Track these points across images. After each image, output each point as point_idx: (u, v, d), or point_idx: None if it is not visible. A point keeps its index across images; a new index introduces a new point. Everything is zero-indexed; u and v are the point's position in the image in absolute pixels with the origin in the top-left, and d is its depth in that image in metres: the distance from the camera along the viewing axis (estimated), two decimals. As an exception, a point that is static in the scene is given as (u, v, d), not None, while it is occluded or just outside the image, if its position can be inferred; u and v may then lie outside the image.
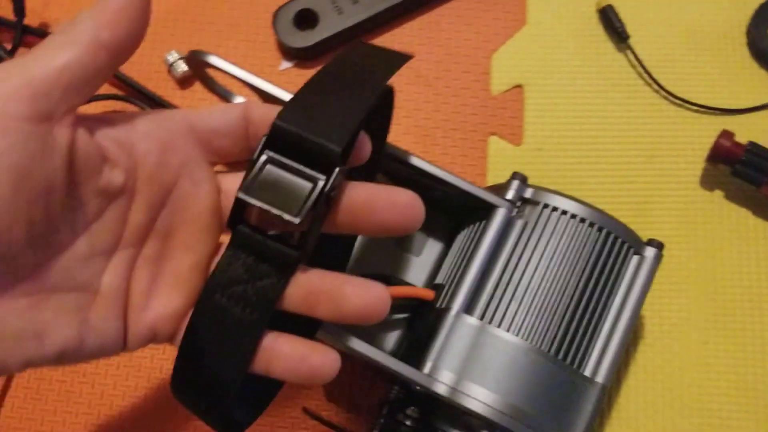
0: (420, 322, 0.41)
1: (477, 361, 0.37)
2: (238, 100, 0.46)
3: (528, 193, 0.40)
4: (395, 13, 0.52)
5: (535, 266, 0.38)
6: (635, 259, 0.40)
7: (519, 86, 0.52)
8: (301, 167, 0.28)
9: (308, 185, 0.28)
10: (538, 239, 0.39)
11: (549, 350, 0.37)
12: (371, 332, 0.43)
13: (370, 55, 0.32)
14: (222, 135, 0.31)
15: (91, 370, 0.46)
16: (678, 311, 0.46)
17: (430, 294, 0.40)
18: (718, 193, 0.48)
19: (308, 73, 0.51)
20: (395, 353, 0.42)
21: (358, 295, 0.29)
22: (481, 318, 0.37)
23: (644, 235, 0.47)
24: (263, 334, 0.29)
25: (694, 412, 0.44)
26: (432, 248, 0.45)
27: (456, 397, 0.36)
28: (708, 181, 0.49)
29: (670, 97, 0.50)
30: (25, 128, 0.25)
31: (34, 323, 0.27)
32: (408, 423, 0.39)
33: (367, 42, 0.30)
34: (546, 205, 0.39)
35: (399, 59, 0.32)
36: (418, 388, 0.37)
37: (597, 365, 0.38)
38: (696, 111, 0.50)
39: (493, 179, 0.50)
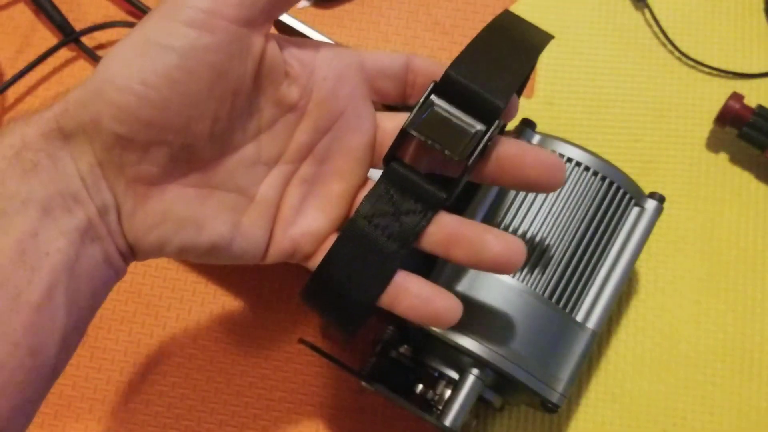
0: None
1: (473, 301, 0.38)
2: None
3: (536, 140, 0.41)
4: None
5: (536, 211, 0.39)
6: (635, 210, 0.40)
7: (534, 41, 0.52)
8: (463, 115, 0.30)
9: (471, 130, 0.30)
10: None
11: (543, 293, 0.38)
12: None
13: (521, 27, 0.34)
14: (386, 77, 0.32)
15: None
16: (673, 269, 0.47)
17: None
18: (723, 156, 0.49)
19: (324, 13, 0.52)
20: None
21: (499, 244, 0.31)
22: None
23: (645, 190, 0.47)
24: (398, 266, 0.31)
25: (680, 368, 0.45)
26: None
27: (448, 334, 0.37)
28: (714, 144, 0.49)
29: (684, 58, 0.50)
30: (231, 29, 0.28)
31: (197, 213, 0.29)
32: (401, 360, 0.40)
33: (514, 14, 0.34)
34: (552, 152, 0.40)
35: (546, 36, 0.34)
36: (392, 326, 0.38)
37: (589, 311, 0.39)
38: (708, 73, 0.50)
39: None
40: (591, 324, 0.39)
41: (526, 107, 0.50)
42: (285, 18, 0.41)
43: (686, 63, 0.50)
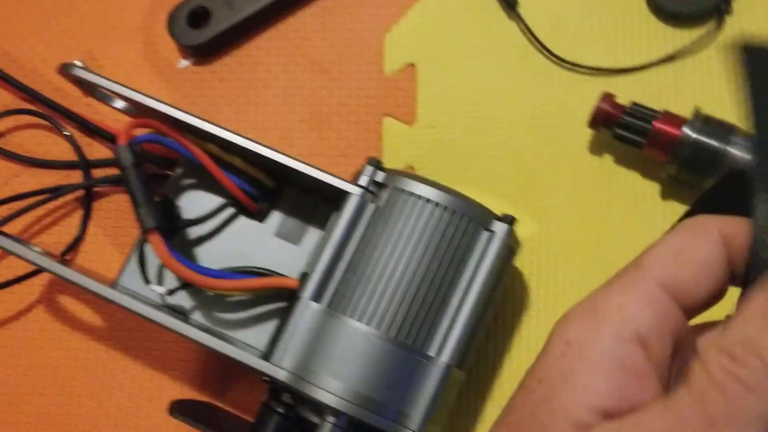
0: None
1: (322, 348, 0.38)
2: (118, 104, 0.48)
3: (381, 178, 0.41)
4: (285, 3, 0.53)
5: (382, 251, 0.39)
6: (485, 235, 0.40)
7: (412, 64, 0.52)
8: None
9: None
10: (386, 224, 0.40)
11: (394, 334, 0.38)
12: (246, 323, 0.45)
13: None
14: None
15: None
16: (563, 280, 0.46)
17: (293, 283, 0.41)
18: (607, 158, 0.48)
19: (203, 70, 0.53)
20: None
21: None
22: (329, 305, 0.39)
23: (537, 205, 0.47)
24: None
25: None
26: (312, 236, 0.46)
27: (299, 384, 0.38)
28: (596, 147, 0.48)
29: (560, 63, 0.49)
30: None
31: None
32: (281, 410, 0.41)
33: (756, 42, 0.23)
34: (395, 189, 0.40)
35: None
36: (264, 378, 0.39)
37: (442, 344, 0.39)
38: (587, 74, 0.49)
39: (389, 161, 0.51)
40: (444, 357, 0.39)
41: (409, 134, 0.51)
42: (137, 96, 0.43)
43: (564, 67, 0.50)
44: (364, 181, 0.41)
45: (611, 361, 0.23)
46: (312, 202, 0.46)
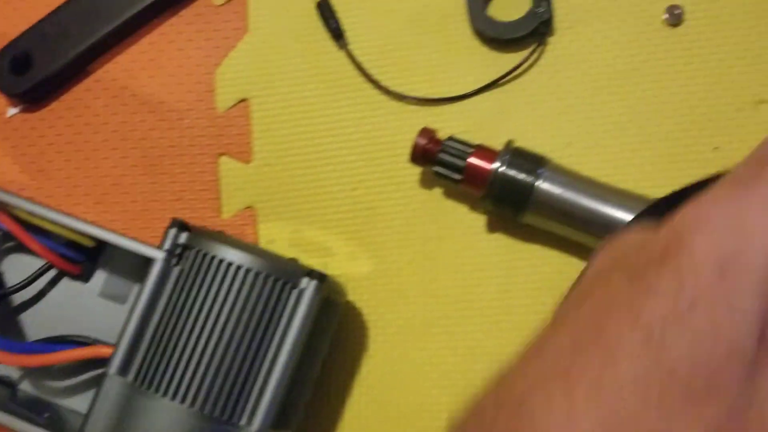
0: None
1: (129, 425, 0.37)
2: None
3: (184, 239, 0.40)
4: (111, 41, 0.51)
5: (187, 319, 0.38)
6: (294, 294, 0.39)
7: (245, 100, 0.50)
8: None
9: None
10: (191, 289, 0.39)
11: (202, 408, 0.37)
12: (75, 389, 0.44)
13: None
14: None
15: None
16: (398, 318, 0.46)
17: (107, 352, 0.40)
18: (436, 192, 0.47)
19: (35, 117, 0.51)
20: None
21: None
22: (135, 380, 0.38)
23: (374, 241, 0.46)
24: None
25: (410, 425, 0.45)
26: (139, 292, 0.45)
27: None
28: (424, 181, 0.47)
29: (388, 94, 0.48)
30: None
31: None
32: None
33: None
34: (199, 252, 0.39)
35: None
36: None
37: (253, 412, 0.38)
38: (415, 104, 0.48)
39: (227, 202, 0.50)
40: (255, 425, 0.38)
41: (246, 174, 0.49)
42: None
43: (391, 98, 0.48)
44: (167, 245, 0.40)
45: None
46: (136, 257, 0.45)
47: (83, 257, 0.45)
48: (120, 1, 0.50)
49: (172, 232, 0.40)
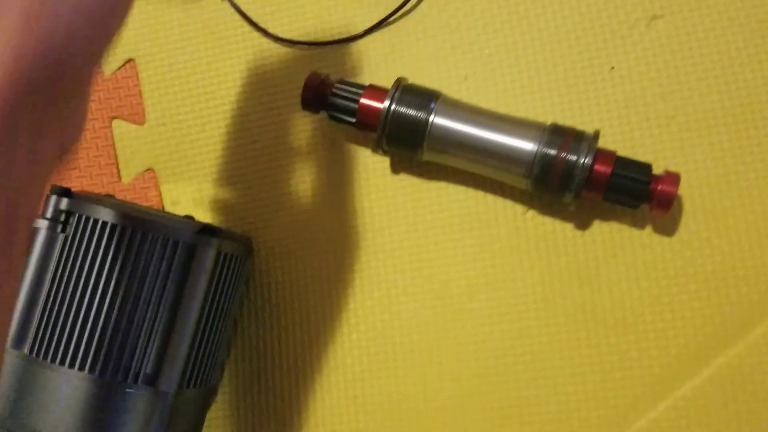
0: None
1: (28, 398, 0.36)
2: None
3: (65, 205, 0.38)
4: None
5: (76, 284, 0.37)
6: (186, 251, 0.38)
7: (131, 60, 0.48)
8: None
9: None
10: (77, 255, 0.37)
11: (101, 372, 0.36)
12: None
13: None
14: None
15: None
16: (309, 268, 0.45)
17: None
18: (338, 137, 0.46)
19: None
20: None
21: None
22: (30, 351, 0.37)
23: (281, 194, 0.45)
24: None
25: (328, 373, 0.44)
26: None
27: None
28: (325, 126, 0.46)
29: (278, 41, 0.47)
30: None
31: None
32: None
33: None
34: (81, 216, 0.37)
35: None
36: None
37: (157, 373, 0.37)
38: (306, 49, 0.47)
39: (126, 166, 0.48)
40: (162, 386, 0.37)
41: (141, 135, 0.47)
42: None
43: (281, 44, 0.47)
44: (49, 212, 0.38)
45: None
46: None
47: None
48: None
49: (53, 199, 0.38)
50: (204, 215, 0.46)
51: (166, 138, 0.47)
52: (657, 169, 0.40)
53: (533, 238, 0.42)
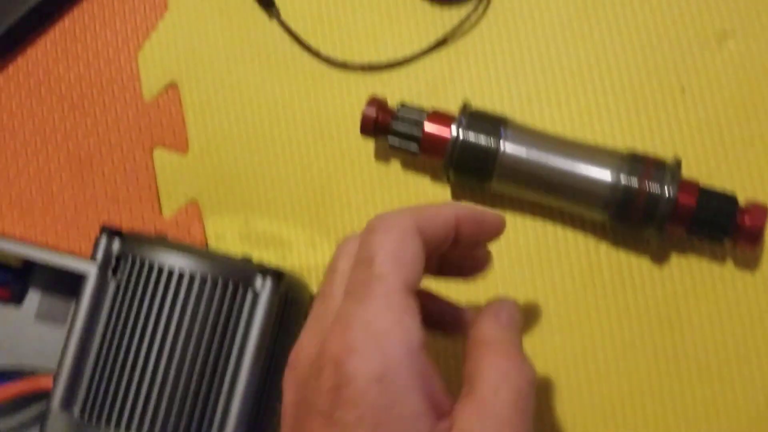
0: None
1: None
2: None
3: (117, 247, 0.36)
4: (17, 34, 0.46)
5: (132, 338, 0.35)
6: (250, 296, 0.36)
7: (173, 84, 0.46)
8: None
9: None
10: (132, 304, 0.35)
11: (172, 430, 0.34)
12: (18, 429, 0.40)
13: None
14: None
15: None
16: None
17: (47, 383, 0.36)
18: (395, 164, 0.43)
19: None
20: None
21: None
22: (82, 413, 0.34)
23: (333, 225, 0.43)
24: None
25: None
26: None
27: None
28: (382, 153, 0.44)
29: (330, 64, 0.44)
30: None
31: None
32: None
33: None
34: (136, 261, 0.35)
35: None
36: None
37: (222, 422, 0.35)
38: (361, 72, 0.44)
39: (167, 199, 0.45)
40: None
41: (184, 165, 0.45)
42: None
43: (334, 67, 0.44)
44: (99, 256, 0.36)
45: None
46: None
47: (11, 278, 0.40)
48: (21, -11, 0.45)
49: (103, 240, 0.36)
50: (252, 250, 0.44)
51: (211, 168, 0.45)
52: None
53: (608, 274, 0.40)
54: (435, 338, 0.31)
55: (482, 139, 0.38)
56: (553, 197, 0.38)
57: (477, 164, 0.38)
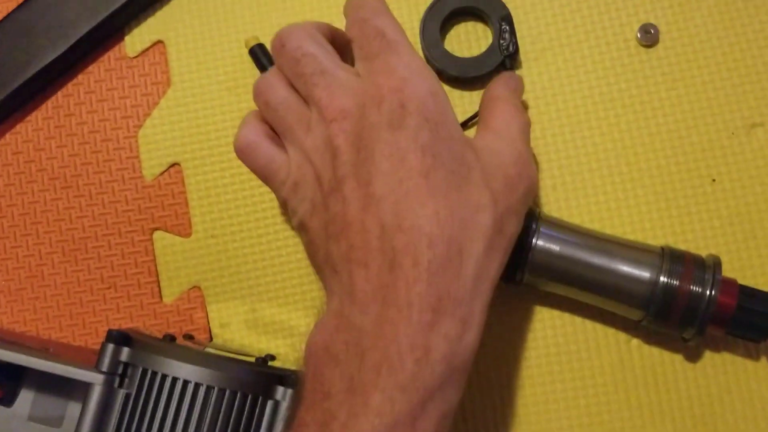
0: None
1: None
2: None
3: (126, 356, 0.33)
4: (7, 107, 0.43)
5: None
6: (270, 406, 0.33)
7: (176, 164, 0.43)
8: None
9: None
10: (142, 416, 0.32)
11: None
12: None
13: None
14: None
15: None
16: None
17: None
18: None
19: None
20: None
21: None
22: None
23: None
24: None
25: None
26: (76, 410, 0.38)
27: None
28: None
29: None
30: None
31: None
32: None
33: None
34: (145, 370, 0.32)
35: None
36: None
37: None
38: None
39: (168, 284, 0.43)
40: None
41: (186, 249, 0.43)
42: None
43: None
44: (105, 365, 0.33)
45: None
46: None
47: (2, 377, 0.37)
48: (15, 64, 0.42)
49: (110, 348, 0.33)
50: (258, 339, 0.42)
51: (216, 252, 0.43)
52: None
53: (640, 370, 0.38)
54: None
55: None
56: (588, 294, 0.37)
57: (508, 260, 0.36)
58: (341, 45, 0.35)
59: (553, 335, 0.39)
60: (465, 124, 0.41)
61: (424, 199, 0.29)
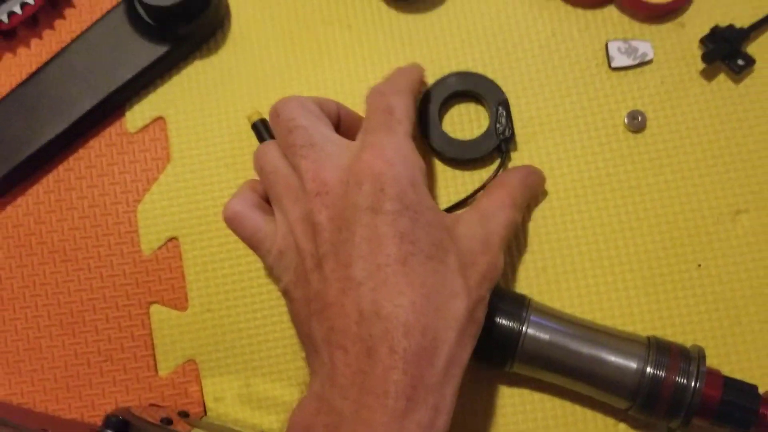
0: None
1: None
2: None
3: (126, 442, 0.34)
4: (8, 182, 0.44)
5: None
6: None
7: (174, 238, 0.44)
8: None
9: None
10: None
11: None
12: None
13: None
14: None
15: None
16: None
17: None
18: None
19: None
20: None
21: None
22: None
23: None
24: None
25: None
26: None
27: None
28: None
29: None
30: None
31: None
32: None
33: None
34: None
35: None
36: None
37: None
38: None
39: (164, 358, 0.43)
40: None
41: (183, 323, 0.43)
42: None
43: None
44: (105, 454, 0.33)
45: None
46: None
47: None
48: (18, 139, 0.43)
49: (108, 435, 0.34)
50: (252, 414, 0.42)
51: (211, 326, 0.43)
52: (755, 381, 0.37)
53: (627, 455, 0.39)
54: None
55: (505, 321, 0.37)
56: (576, 383, 0.37)
57: (498, 348, 0.37)
58: (348, 121, 0.38)
59: (543, 417, 0.40)
60: (463, 203, 0.42)
61: (401, 287, 0.30)
